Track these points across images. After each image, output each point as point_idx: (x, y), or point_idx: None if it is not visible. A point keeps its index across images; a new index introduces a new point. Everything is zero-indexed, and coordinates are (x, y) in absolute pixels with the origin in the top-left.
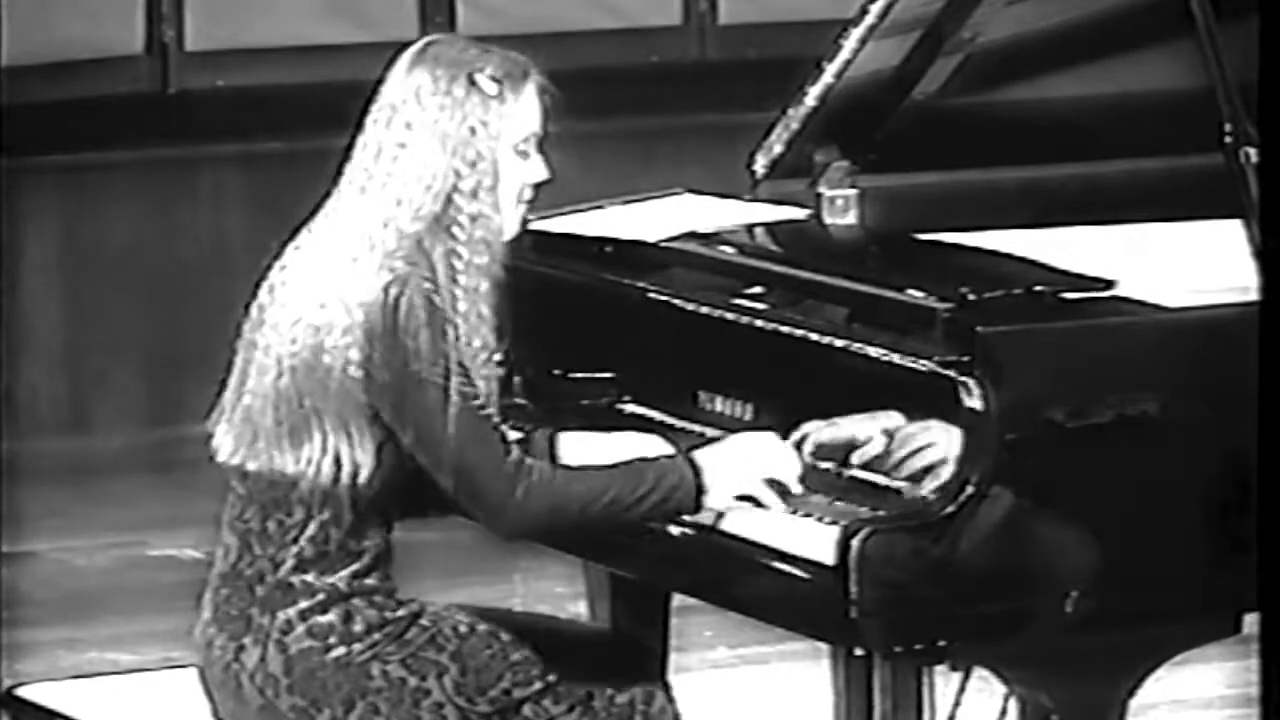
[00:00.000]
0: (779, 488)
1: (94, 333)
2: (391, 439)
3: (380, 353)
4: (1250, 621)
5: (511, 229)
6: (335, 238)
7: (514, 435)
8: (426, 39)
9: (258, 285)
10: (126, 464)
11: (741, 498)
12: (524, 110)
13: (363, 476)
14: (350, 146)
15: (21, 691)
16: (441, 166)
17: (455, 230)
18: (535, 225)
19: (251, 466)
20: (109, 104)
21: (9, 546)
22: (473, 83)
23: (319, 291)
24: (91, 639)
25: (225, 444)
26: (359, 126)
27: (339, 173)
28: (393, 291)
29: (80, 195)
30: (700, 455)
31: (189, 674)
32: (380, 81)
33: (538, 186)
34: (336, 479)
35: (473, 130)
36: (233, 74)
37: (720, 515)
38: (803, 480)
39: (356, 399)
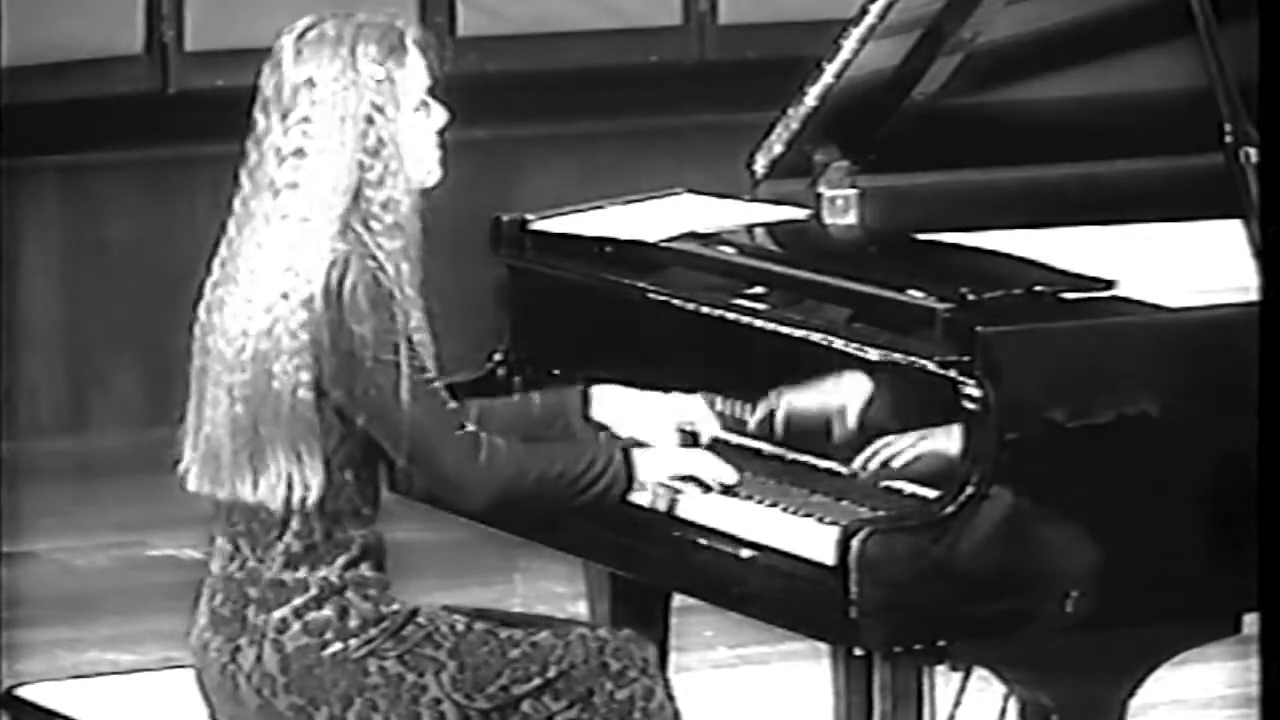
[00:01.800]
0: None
1: (94, 333)
2: (346, 430)
3: (329, 342)
4: (1250, 621)
5: (434, 176)
6: (259, 255)
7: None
8: (301, 25)
9: (195, 304)
10: (126, 464)
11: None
12: (412, 75)
13: (312, 497)
14: (245, 138)
15: (21, 691)
16: (345, 165)
17: (371, 222)
18: (535, 225)
19: (221, 496)
20: (109, 104)
21: (9, 546)
22: (357, 70)
23: (259, 318)
24: (91, 639)
25: (193, 474)
26: (250, 120)
27: (239, 172)
28: (334, 274)
29: (80, 195)
30: (635, 452)
31: (189, 674)
32: (260, 74)
33: (443, 130)
34: (289, 501)
35: (369, 119)
36: (233, 74)
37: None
38: (736, 483)
39: (308, 420)
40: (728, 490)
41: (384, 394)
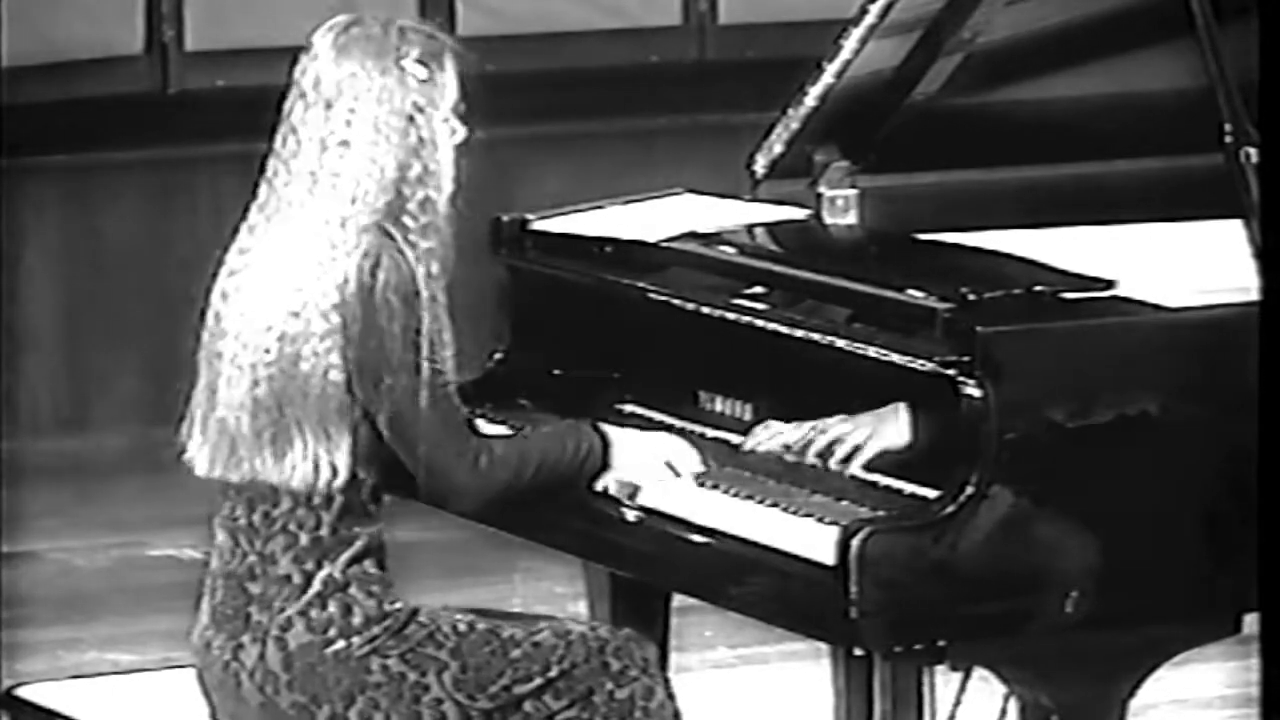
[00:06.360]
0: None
1: (94, 333)
2: (366, 419)
3: (358, 335)
4: (1250, 621)
5: (449, 189)
6: (289, 239)
7: (504, 430)
8: (341, 22)
9: (208, 291)
10: (126, 464)
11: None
12: (449, 84)
13: (340, 479)
14: (272, 135)
15: (21, 691)
16: (388, 158)
17: (406, 219)
18: (535, 225)
19: (234, 479)
20: (109, 104)
21: (9, 546)
22: (402, 69)
23: (288, 298)
24: (91, 639)
25: (202, 458)
26: (281, 115)
27: (264, 165)
28: (366, 266)
29: (80, 195)
30: (609, 429)
31: (189, 674)
32: (293, 66)
33: (463, 145)
34: (315, 482)
35: (411, 118)
36: (233, 74)
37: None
38: (701, 473)
39: (337, 401)
40: (728, 489)
41: (406, 392)
